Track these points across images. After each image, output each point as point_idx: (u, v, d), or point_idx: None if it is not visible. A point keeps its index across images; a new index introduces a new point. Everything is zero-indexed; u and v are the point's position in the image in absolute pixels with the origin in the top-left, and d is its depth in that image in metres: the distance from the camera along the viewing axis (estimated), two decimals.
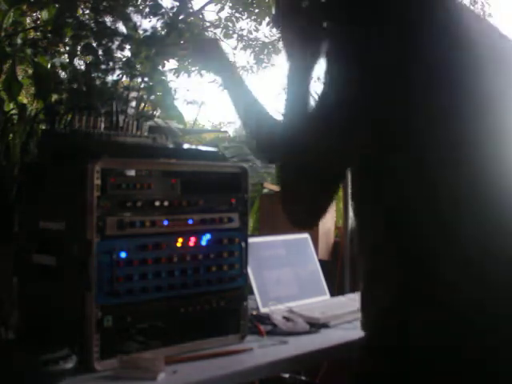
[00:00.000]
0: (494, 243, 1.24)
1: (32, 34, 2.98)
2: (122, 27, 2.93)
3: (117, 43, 2.82)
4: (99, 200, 1.74)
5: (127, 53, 2.92)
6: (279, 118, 1.74)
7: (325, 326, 2.22)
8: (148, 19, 2.95)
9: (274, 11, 1.57)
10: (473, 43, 1.31)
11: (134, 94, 2.93)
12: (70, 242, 1.77)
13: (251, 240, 2.12)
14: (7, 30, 2.70)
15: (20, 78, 2.80)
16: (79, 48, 2.80)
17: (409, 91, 1.23)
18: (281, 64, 12.56)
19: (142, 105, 2.96)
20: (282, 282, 2.49)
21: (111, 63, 2.80)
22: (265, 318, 2.23)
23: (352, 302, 2.32)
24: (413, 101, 1.23)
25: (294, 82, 1.44)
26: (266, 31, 11.38)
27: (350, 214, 3.02)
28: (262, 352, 1.95)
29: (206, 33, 8.83)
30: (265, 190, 4.12)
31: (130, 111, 2.68)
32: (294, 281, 2.54)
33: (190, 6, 2.91)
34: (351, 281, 3.04)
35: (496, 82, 1.31)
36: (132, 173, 1.83)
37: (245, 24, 10.93)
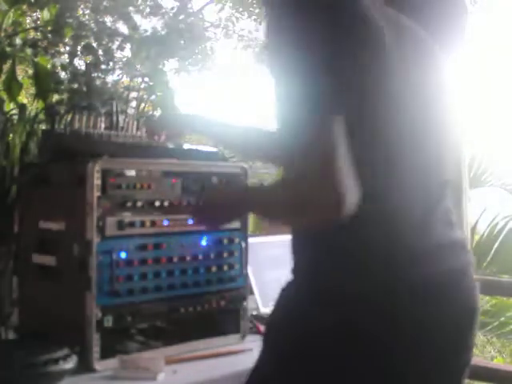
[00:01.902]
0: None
1: (32, 34, 2.98)
2: (122, 27, 2.94)
3: (117, 43, 2.82)
4: (99, 200, 1.74)
5: (127, 53, 2.93)
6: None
7: None
8: (148, 19, 2.96)
9: None
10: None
11: (133, 94, 2.93)
12: (70, 242, 1.77)
13: (251, 240, 2.12)
14: (7, 30, 2.70)
15: (20, 78, 2.80)
16: (79, 48, 2.80)
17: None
18: None
19: (142, 105, 2.96)
20: (282, 282, 2.48)
21: (111, 63, 2.81)
22: (265, 318, 2.23)
23: None
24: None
25: None
26: None
27: None
28: None
29: (206, 33, 8.82)
30: None
31: (130, 111, 2.68)
32: None
33: (189, 6, 2.91)
34: None
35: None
36: (132, 173, 1.83)
37: (245, 24, 10.95)
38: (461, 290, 1.28)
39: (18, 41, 2.65)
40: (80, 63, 2.91)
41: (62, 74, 2.78)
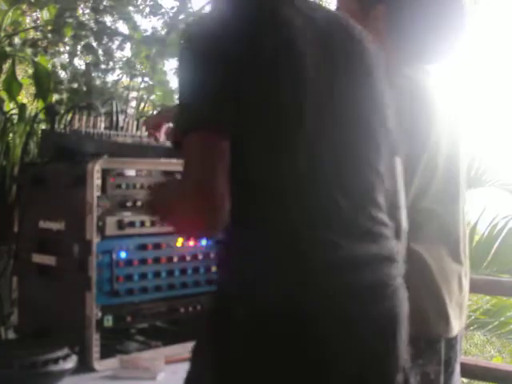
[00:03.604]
0: None
1: (32, 34, 2.98)
2: (122, 27, 2.94)
3: (117, 43, 2.82)
4: (99, 200, 1.74)
5: (127, 53, 2.93)
6: None
7: None
8: (148, 19, 2.96)
9: None
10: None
11: (133, 94, 2.94)
12: (70, 242, 1.77)
13: None
14: (7, 30, 2.70)
15: (20, 78, 2.80)
16: (79, 48, 2.80)
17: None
18: None
19: (142, 105, 2.97)
20: None
21: (111, 63, 2.81)
22: None
23: None
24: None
25: None
26: None
27: None
28: None
29: None
30: None
31: (130, 111, 2.69)
32: None
33: (189, 5, 2.91)
34: None
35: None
36: (132, 173, 1.83)
37: None
38: (378, 301, 1.23)
39: (17, 41, 2.66)
40: (80, 63, 2.91)
41: (62, 74, 2.79)
